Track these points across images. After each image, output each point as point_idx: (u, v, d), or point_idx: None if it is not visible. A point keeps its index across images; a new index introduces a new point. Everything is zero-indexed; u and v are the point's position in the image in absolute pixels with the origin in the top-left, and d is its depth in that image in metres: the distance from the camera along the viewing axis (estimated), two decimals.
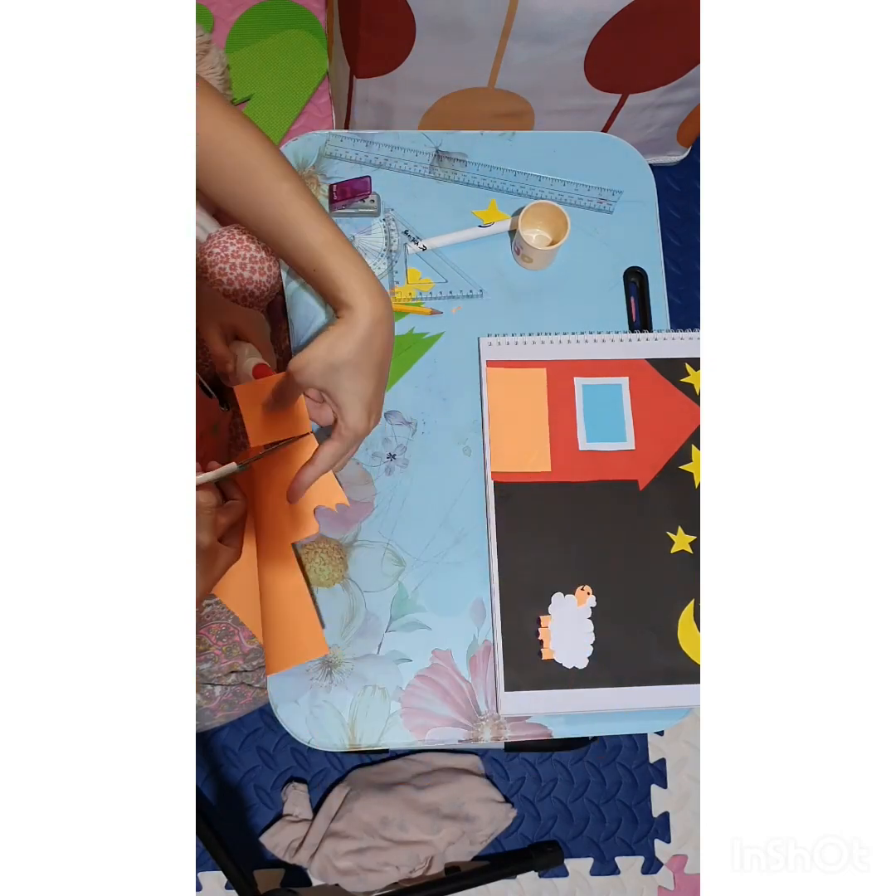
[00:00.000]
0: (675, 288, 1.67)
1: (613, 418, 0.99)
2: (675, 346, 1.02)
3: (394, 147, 1.08)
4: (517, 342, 1.00)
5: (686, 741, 1.52)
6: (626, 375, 1.00)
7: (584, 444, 0.98)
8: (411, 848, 1.35)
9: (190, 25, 0.55)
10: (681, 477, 0.98)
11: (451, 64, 1.32)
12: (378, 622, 0.93)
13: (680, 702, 0.94)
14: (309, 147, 1.08)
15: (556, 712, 0.92)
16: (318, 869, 1.35)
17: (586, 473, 0.97)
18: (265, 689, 0.97)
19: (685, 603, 0.94)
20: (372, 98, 1.41)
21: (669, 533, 0.96)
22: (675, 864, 1.47)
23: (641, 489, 0.97)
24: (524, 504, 0.96)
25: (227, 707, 1.06)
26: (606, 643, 0.93)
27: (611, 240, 1.06)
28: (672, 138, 1.62)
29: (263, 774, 1.44)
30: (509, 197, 1.07)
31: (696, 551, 0.96)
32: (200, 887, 1.41)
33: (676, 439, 0.99)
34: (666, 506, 0.97)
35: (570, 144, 1.10)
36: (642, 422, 0.99)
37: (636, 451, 0.98)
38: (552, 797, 1.47)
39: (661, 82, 1.40)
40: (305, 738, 0.90)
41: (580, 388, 1.00)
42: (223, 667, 1.03)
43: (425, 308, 1.02)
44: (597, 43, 1.26)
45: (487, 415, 0.98)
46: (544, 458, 0.97)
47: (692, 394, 1.01)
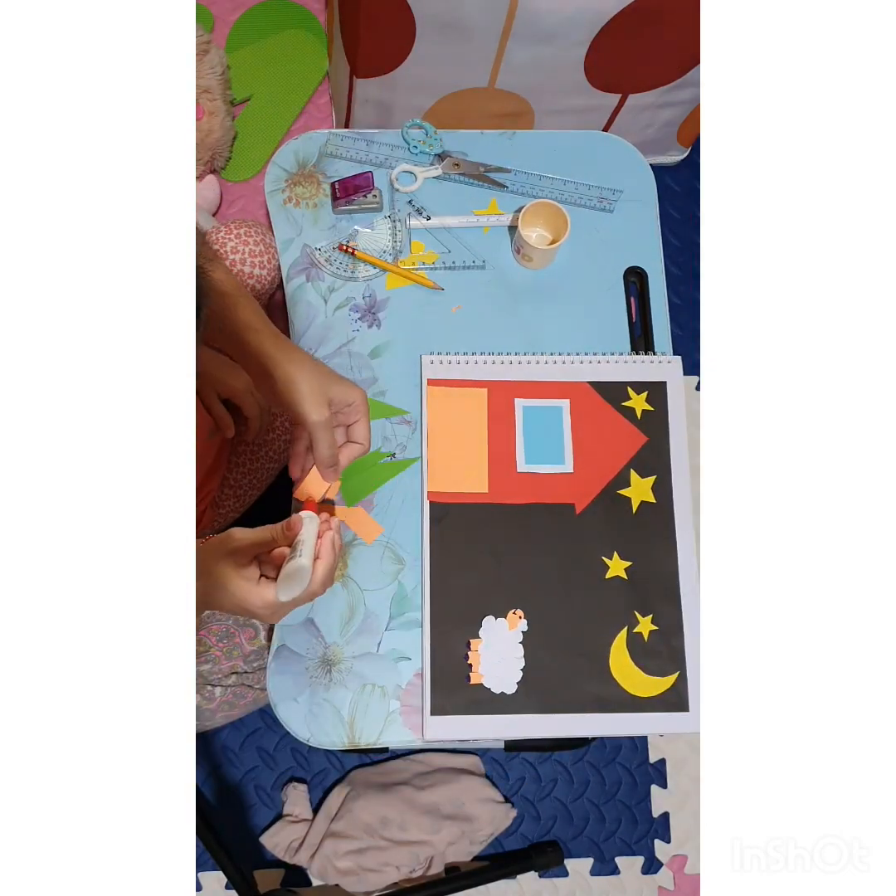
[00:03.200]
0: (675, 288, 1.67)
1: (553, 440, 0.98)
2: (618, 370, 1.01)
3: (394, 146, 1.08)
4: (459, 361, 1.00)
5: (686, 741, 1.52)
6: (568, 398, 0.99)
7: (522, 466, 0.97)
8: (411, 848, 1.35)
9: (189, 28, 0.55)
10: (618, 501, 0.97)
11: (451, 64, 1.32)
12: (377, 620, 0.93)
13: (609, 730, 0.93)
14: (309, 146, 1.08)
15: (482, 738, 0.91)
16: (318, 869, 1.35)
17: (523, 495, 0.96)
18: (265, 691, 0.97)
19: (618, 630, 0.93)
20: (372, 98, 1.41)
21: (605, 558, 0.95)
22: (675, 864, 1.47)
23: (578, 513, 0.96)
24: (459, 525, 0.95)
25: (227, 708, 1.06)
26: (536, 669, 0.92)
27: (611, 239, 1.06)
28: (672, 138, 1.62)
29: (263, 774, 1.44)
30: (510, 196, 1.07)
31: (630, 577, 0.95)
32: (200, 887, 1.41)
33: (615, 463, 0.98)
34: (602, 530, 0.96)
35: (570, 144, 1.10)
36: (581, 445, 0.98)
37: (574, 474, 0.97)
38: (552, 797, 1.47)
39: (661, 82, 1.40)
40: (304, 736, 0.90)
41: (520, 410, 0.99)
42: (224, 668, 1.03)
43: (428, 280, 1.02)
44: (597, 43, 1.26)
45: (426, 434, 0.97)
46: (482, 478, 0.96)
47: (633, 417, 0.99)
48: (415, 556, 0.94)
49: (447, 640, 0.92)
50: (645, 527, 0.96)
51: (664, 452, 0.98)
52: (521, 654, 0.92)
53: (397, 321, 1.02)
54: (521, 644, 0.92)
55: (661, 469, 0.98)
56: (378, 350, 1.01)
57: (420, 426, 0.98)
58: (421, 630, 0.92)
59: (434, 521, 0.95)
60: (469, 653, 0.91)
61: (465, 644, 0.92)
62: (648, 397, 1.00)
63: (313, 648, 0.92)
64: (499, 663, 0.91)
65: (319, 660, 0.92)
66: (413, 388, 0.99)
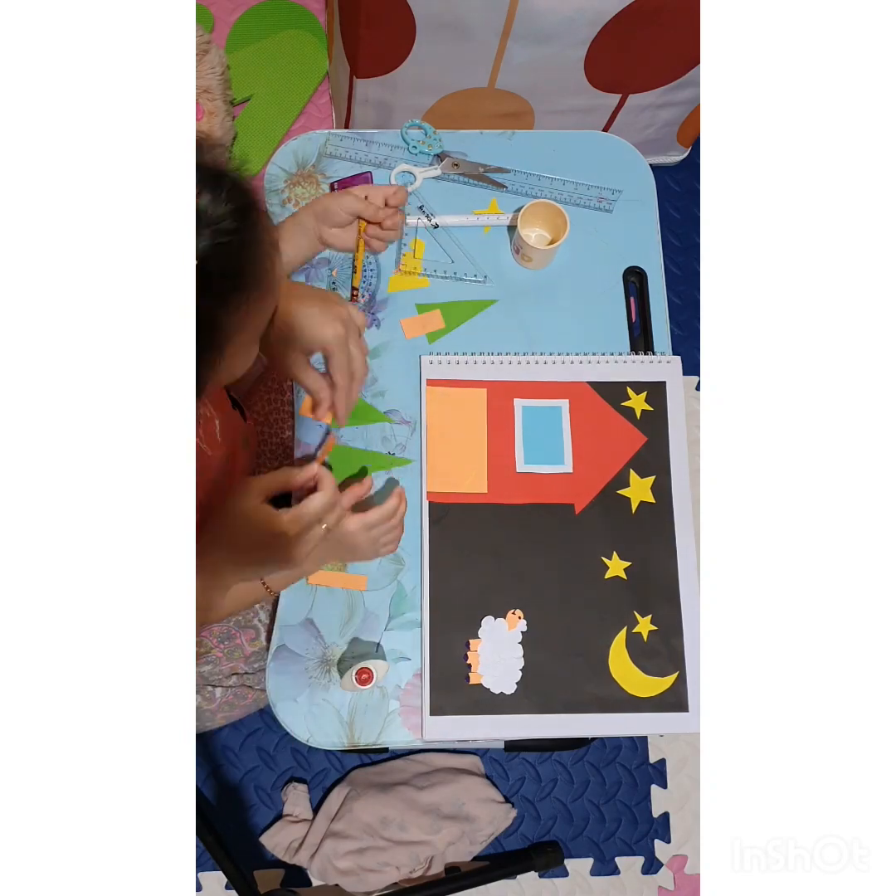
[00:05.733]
0: (674, 288, 1.67)
1: (552, 441, 0.98)
2: (617, 370, 1.01)
3: (394, 146, 1.08)
4: (458, 361, 0.99)
5: (686, 741, 1.52)
6: (567, 398, 0.99)
7: (521, 466, 0.97)
8: (411, 848, 1.35)
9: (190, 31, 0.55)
10: (618, 501, 0.97)
11: (451, 64, 1.32)
12: (377, 620, 0.93)
13: (609, 731, 0.92)
14: (309, 146, 1.08)
15: (481, 738, 0.91)
16: (318, 869, 1.35)
17: (522, 496, 0.96)
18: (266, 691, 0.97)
19: (617, 630, 0.93)
20: (372, 98, 1.41)
21: (604, 558, 0.95)
22: (675, 864, 1.47)
23: (577, 513, 0.96)
24: (458, 525, 0.95)
25: (228, 708, 1.06)
26: (536, 669, 0.91)
27: (610, 239, 1.06)
28: (672, 138, 1.62)
29: (263, 775, 1.44)
30: (510, 196, 1.07)
31: (629, 577, 0.95)
32: (200, 888, 1.41)
33: (615, 463, 0.98)
34: (601, 530, 0.96)
35: (569, 143, 1.10)
36: (581, 445, 0.98)
37: (574, 474, 0.97)
38: (552, 797, 1.47)
39: (661, 82, 1.40)
40: (304, 736, 0.90)
41: (520, 410, 0.99)
42: (224, 669, 1.03)
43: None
44: (597, 43, 1.26)
45: (425, 434, 0.97)
46: (481, 479, 0.96)
47: (633, 417, 0.99)
48: (414, 557, 0.94)
49: (446, 640, 0.92)
50: (644, 527, 0.96)
51: (664, 452, 0.98)
52: (520, 655, 0.92)
53: (397, 321, 1.02)
54: (520, 644, 0.92)
55: (661, 469, 0.98)
56: (377, 350, 1.01)
57: (419, 426, 0.98)
58: (420, 630, 0.92)
59: (433, 521, 0.95)
60: (468, 653, 0.91)
61: (464, 644, 0.92)
62: (648, 397, 1.00)
63: (313, 649, 0.92)
64: (498, 663, 0.91)
65: (319, 660, 0.92)
66: (412, 388, 0.99)
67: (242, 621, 1.03)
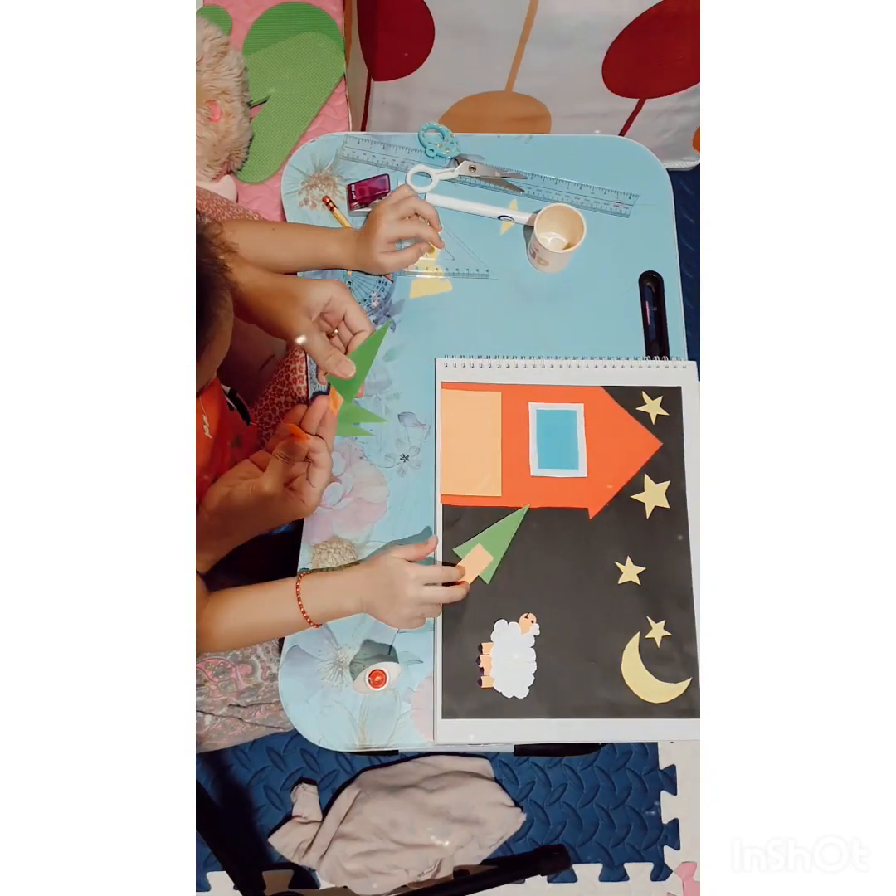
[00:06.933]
0: (690, 293, 1.66)
1: (566, 445, 0.98)
2: (632, 374, 1.00)
3: (411, 149, 1.08)
4: (473, 364, 0.99)
5: (696, 748, 1.51)
6: (582, 402, 0.99)
7: (535, 470, 0.97)
8: (420, 851, 1.35)
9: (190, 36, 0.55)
10: (632, 506, 0.96)
11: (468, 67, 1.32)
12: None
13: (620, 736, 0.92)
14: (326, 148, 1.08)
15: (492, 742, 0.91)
16: (326, 871, 1.35)
17: (536, 499, 0.96)
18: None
19: (630, 635, 0.93)
20: (389, 100, 1.41)
21: (618, 563, 0.95)
22: (684, 871, 1.46)
23: (591, 517, 0.96)
24: (472, 528, 0.94)
25: (215, 736, 1.06)
26: (548, 673, 0.91)
27: (626, 244, 1.06)
28: (688, 143, 1.62)
29: (273, 775, 1.44)
30: (527, 200, 1.07)
31: (643, 582, 0.94)
32: (209, 887, 1.41)
33: (629, 468, 0.97)
34: (615, 535, 0.95)
35: (586, 148, 1.10)
36: (595, 449, 0.98)
37: (588, 478, 0.97)
38: (561, 802, 1.47)
39: (678, 87, 1.40)
40: (315, 737, 0.90)
41: (534, 413, 0.98)
42: (216, 700, 1.03)
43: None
44: (615, 48, 1.26)
45: (440, 437, 0.97)
46: (495, 482, 0.96)
47: (648, 422, 0.99)
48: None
49: (459, 643, 0.92)
50: (658, 532, 0.96)
51: (678, 457, 0.98)
52: (532, 659, 0.91)
53: (412, 324, 1.02)
54: (532, 648, 0.92)
55: (676, 474, 0.97)
56: (392, 352, 1.01)
57: (434, 429, 0.98)
58: (433, 633, 0.92)
59: (447, 524, 0.95)
60: (481, 656, 0.91)
61: (476, 648, 0.92)
62: (663, 402, 0.99)
63: (325, 650, 0.92)
64: (510, 667, 0.91)
65: (331, 662, 0.92)
66: (427, 390, 0.99)
67: (240, 656, 1.03)
